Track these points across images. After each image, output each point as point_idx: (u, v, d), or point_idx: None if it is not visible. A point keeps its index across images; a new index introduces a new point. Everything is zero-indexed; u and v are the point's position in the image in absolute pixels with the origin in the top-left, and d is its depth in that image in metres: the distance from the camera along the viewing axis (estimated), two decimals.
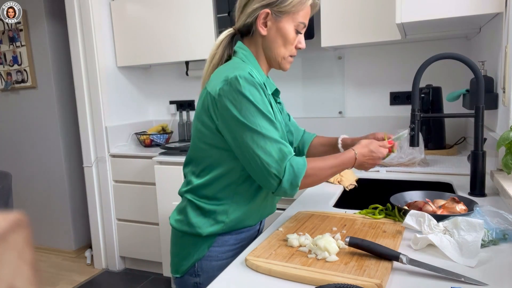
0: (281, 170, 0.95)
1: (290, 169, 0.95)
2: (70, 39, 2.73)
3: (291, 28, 1.04)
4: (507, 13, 1.38)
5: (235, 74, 0.95)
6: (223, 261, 1.07)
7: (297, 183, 0.96)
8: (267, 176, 0.95)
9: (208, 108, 1.00)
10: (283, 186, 0.95)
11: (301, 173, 0.96)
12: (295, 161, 0.96)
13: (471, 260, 0.82)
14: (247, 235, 1.13)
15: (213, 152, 1.03)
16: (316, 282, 0.77)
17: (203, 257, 1.07)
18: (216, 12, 2.47)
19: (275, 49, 1.06)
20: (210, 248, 1.07)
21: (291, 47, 1.06)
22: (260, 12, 1.02)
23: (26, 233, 0.24)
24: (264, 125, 0.95)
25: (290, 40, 1.05)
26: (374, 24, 2.09)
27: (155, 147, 2.80)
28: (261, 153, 0.94)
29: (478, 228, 0.86)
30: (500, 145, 1.19)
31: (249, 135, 0.95)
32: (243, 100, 0.94)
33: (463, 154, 1.97)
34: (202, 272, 1.08)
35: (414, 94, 1.28)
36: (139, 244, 2.76)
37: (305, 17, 1.05)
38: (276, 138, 0.96)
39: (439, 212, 1.07)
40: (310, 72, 2.60)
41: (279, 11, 1.02)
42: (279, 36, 1.04)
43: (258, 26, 1.03)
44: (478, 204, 1.07)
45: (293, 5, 1.01)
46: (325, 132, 2.57)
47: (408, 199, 1.20)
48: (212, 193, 1.05)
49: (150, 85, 3.19)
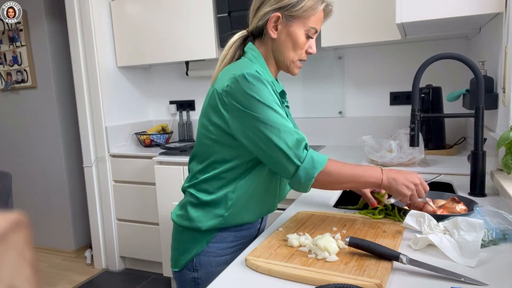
0: (300, 157, 0.95)
1: (310, 158, 0.96)
2: (70, 39, 2.74)
3: (302, 32, 1.04)
4: (507, 13, 1.38)
5: (243, 72, 0.97)
6: (222, 257, 1.09)
7: (313, 175, 0.95)
8: (285, 162, 0.96)
9: (215, 105, 1.02)
10: (299, 174, 0.95)
11: (320, 166, 0.96)
12: (316, 154, 0.97)
13: (471, 260, 0.82)
14: (247, 233, 1.14)
15: (218, 148, 1.04)
16: (316, 282, 0.77)
17: (202, 252, 1.09)
18: (216, 12, 2.47)
19: (284, 52, 1.07)
20: (209, 244, 1.08)
21: (300, 52, 1.07)
22: (271, 16, 1.03)
23: (26, 233, 0.24)
24: (274, 118, 0.96)
25: (300, 45, 1.06)
26: (374, 24, 2.09)
27: (155, 147, 2.80)
28: (278, 141, 0.95)
29: (478, 228, 0.86)
30: (500, 145, 1.19)
31: (263, 127, 0.96)
32: (251, 97, 0.96)
33: (463, 154, 1.97)
34: (200, 267, 1.09)
35: (414, 94, 1.28)
36: (139, 244, 2.76)
37: (316, 22, 1.05)
38: (289, 126, 0.97)
39: (439, 212, 1.07)
40: (310, 72, 2.60)
41: (290, 15, 1.03)
42: (289, 40, 1.05)
43: (268, 29, 1.05)
44: (478, 204, 1.07)
45: (304, 10, 1.02)
46: (325, 132, 2.58)
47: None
48: (213, 188, 1.07)
49: (150, 85, 3.19)
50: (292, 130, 0.97)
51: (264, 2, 1.05)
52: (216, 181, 1.06)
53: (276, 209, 1.21)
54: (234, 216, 1.07)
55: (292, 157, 0.95)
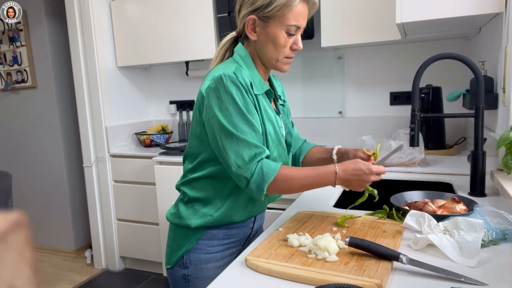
0: (249, 172, 0.97)
1: (259, 172, 0.98)
2: (70, 39, 2.73)
3: (280, 31, 1.02)
4: (507, 13, 1.38)
5: (220, 73, 1.00)
6: (211, 254, 1.11)
7: (263, 187, 0.98)
8: (236, 176, 0.99)
9: (199, 105, 1.05)
10: (250, 187, 0.98)
11: (270, 177, 0.98)
12: (266, 165, 0.98)
13: (471, 260, 0.82)
14: (239, 232, 1.15)
15: (205, 148, 1.07)
16: (316, 282, 0.77)
17: (192, 249, 1.10)
18: (216, 12, 2.47)
19: (266, 53, 1.06)
20: (198, 241, 1.10)
21: (283, 50, 1.05)
22: (247, 19, 1.04)
23: (26, 233, 0.24)
24: (241, 126, 0.98)
25: (281, 44, 1.03)
26: (374, 24, 2.09)
27: (155, 147, 2.80)
28: (232, 155, 0.98)
29: (478, 228, 0.86)
30: (500, 145, 1.19)
31: (224, 135, 0.99)
32: (225, 98, 0.98)
33: (463, 154, 1.97)
34: (190, 264, 1.11)
35: (414, 94, 1.28)
36: (139, 244, 2.76)
37: (296, 18, 1.02)
38: (250, 140, 0.98)
39: (439, 212, 1.07)
40: (310, 72, 2.60)
41: (265, 16, 1.01)
42: (269, 41, 1.04)
43: (247, 32, 1.05)
44: (478, 204, 1.07)
45: (278, 9, 0.99)
46: (325, 132, 2.58)
47: (408, 199, 1.20)
48: (202, 187, 1.09)
49: (150, 85, 3.19)
50: (250, 143, 0.98)
51: (242, 5, 1.06)
52: (205, 180, 1.09)
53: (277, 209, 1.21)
54: (223, 215, 1.09)
55: (243, 173, 0.98)
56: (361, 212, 1.16)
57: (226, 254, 1.14)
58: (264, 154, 1.00)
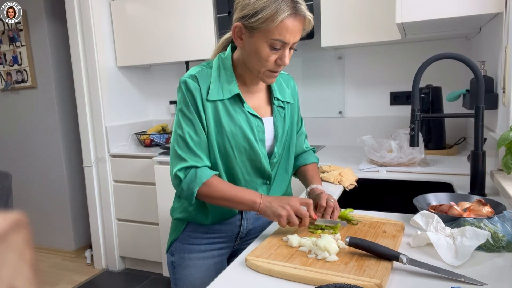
0: (182, 173, 1.04)
1: (193, 174, 1.03)
2: (70, 39, 2.73)
3: (263, 45, 0.98)
4: (507, 13, 1.38)
5: (183, 77, 1.07)
6: (194, 246, 1.17)
7: (193, 191, 1.03)
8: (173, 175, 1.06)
9: None
10: (182, 187, 1.04)
11: (201, 181, 1.02)
12: (202, 171, 1.04)
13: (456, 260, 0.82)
14: (223, 228, 1.17)
15: None
16: (316, 282, 0.77)
17: (177, 238, 1.19)
18: (216, 12, 2.47)
19: (250, 62, 1.05)
20: (183, 232, 1.18)
21: (266, 63, 1.01)
22: (234, 25, 1.02)
23: (26, 233, 0.24)
24: (186, 128, 1.05)
25: (263, 57, 0.99)
26: (374, 24, 2.09)
27: (155, 147, 2.80)
28: (173, 155, 1.07)
29: (481, 238, 0.85)
30: (500, 145, 1.19)
31: (175, 135, 1.08)
32: (178, 101, 1.09)
33: (463, 154, 1.97)
34: (176, 252, 1.20)
35: (414, 94, 1.28)
36: (139, 244, 2.76)
37: (280, 33, 0.96)
38: (190, 144, 1.04)
39: (465, 215, 1.00)
40: (310, 72, 2.60)
41: (251, 26, 0.98)
42: (252, 51, 1.01)
43: (233, 38, 1.04)
44: (504, 206, 1.02)
45: (262, 21, 0.95)
46: (325, 132, 2.58)
47: (432, 201, 1.15)
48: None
49: (150, 85, 3.19)
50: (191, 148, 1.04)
51: (235, 8, 1.05)
52: None
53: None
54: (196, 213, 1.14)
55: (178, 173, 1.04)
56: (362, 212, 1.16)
57: (211, 248, 1.18)
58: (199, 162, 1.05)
